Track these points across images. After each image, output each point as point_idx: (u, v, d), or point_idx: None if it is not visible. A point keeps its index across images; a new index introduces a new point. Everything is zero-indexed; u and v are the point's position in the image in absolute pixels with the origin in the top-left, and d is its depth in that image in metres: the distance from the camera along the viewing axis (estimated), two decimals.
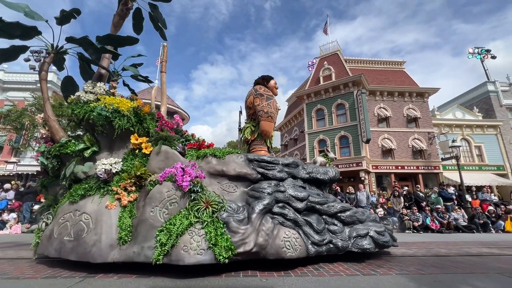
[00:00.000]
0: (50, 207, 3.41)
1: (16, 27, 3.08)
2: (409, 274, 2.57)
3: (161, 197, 2.74)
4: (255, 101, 4.19)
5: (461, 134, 19.60)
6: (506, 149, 19.43)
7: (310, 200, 3.21)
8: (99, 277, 2.46)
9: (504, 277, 2.52)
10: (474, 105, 22.00)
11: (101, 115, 3.26)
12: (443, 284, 2.27)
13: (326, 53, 21.69)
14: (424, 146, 18.05)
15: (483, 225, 9.34)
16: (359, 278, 2.43)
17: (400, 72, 21.50)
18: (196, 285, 2.24)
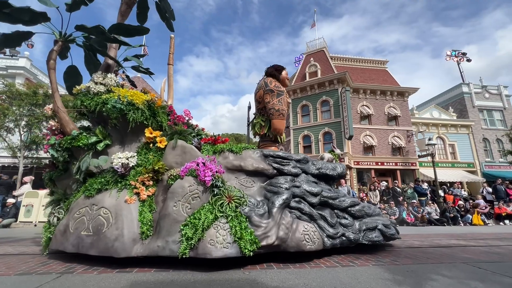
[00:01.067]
0: (60, 201, 3.33)
1: (25, 12, 2.93)
2: (384, 265, 2.71)
3: (183, 192, 2.75)
4: (265, 97, 4.16)
5: (437, 132, 20.63)
6: (477, 147, 20.69)
7: (323, 195, 3.34)
8: (79, 272, 2.40)
9: (469, 266, 2.73)
10: (449, 105, 23.16)
11: (116, 108, 3.20)
12: (415, 273, 2.42)
13: (312, 49, 21.89)
14: (403, 143, 18.83)
15: (453, 218, 9.97)
16: (338, 269, 2.53)
17: (382, 71, 22.15)
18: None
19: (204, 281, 2.19)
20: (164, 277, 2.29)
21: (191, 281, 2.18)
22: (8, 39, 3.19)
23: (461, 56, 24.84)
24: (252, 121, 4.56)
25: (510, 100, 22.76)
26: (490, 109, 22.19)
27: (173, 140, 3.27)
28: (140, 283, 2.12)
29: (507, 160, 18.39)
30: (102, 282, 2.13)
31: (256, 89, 4.39)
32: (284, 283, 2.13)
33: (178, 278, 2.26)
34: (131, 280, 2.18)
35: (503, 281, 2.23)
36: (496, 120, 22.05)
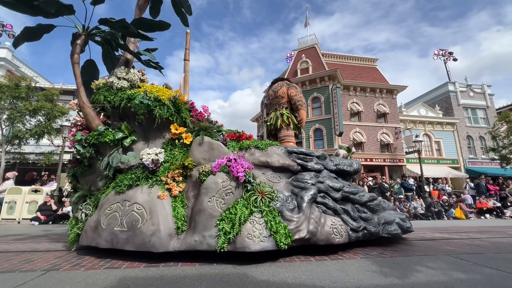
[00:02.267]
0: (85, 197, 3.33)
1: (52, 4, 2.89)
2: (372, 258, 2.79)
3: (217, 187, 2.80)
4: (290, 91, 4.70)
5: (423, 130, 21.21)
6: (461, 144, 21.41)
7: (344, 190, 3.47)
8: (65, 269, 2.35)
9: (452, 258, 2.84)
10: (436, 103, 23.82)
11: (143, 104, 3.20)
12: (401, 265, 2.50)
13: (304, 46, 21.95)
14: (391, 140, 19.26)
15: (437, 213, 10.33)
16: (327, 263, 2.57)
17: (372, 69, 22.47)
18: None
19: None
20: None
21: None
22: (29, 33, 3.14)
23: (447, 56, 25.48)
24: (270, 116, 4.85)
25: (493, 99, 23.59)
26: (474, 108, 22.98)
27: (199, 136, 3.31)
28: (129, 279, 2.09)
29: (489, 157, 19.11)
30: (89, 278, 2.09)
31: (276, 87, 4.83)
32: (274, 277, 2.15)
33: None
34: (119, 276, 2.15)
35: (484, 271, 2.33)
36: (479, 118, 22.87)
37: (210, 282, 2.02)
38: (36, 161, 14.36)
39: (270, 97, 4.97)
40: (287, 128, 4.69)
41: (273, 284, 1.97)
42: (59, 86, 16.50)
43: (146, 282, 2.02)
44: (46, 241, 4.04)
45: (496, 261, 2.68)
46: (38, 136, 12.99)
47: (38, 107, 12.66)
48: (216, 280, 2.06)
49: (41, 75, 21.13)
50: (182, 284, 1.98)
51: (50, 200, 8.59)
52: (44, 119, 13.35)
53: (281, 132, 4.64)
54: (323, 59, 20.69)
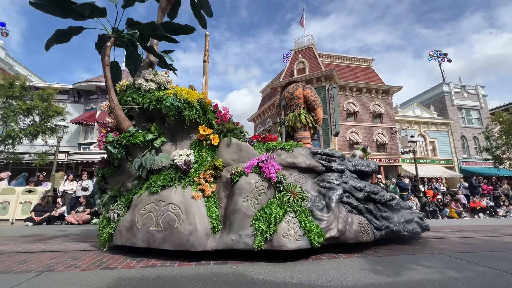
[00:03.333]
0: (115, 197, 3.38)
1: (87, 7, 2.96)
2: (368, 257, 2.82)
3: (250, 188, 2.88)
4: (305, 92, 4.84)
5: (418, 130, 21.46)
6: (455, 145, 21.68)
7: (366, 190, 3.58)
8: (60, 270, 2.33)
9: (446, 256, 2.89)
10: (431, 104, 24.12)
11: (174, 105, 3.28)
12: (396, 264, 2.54)
13: (300, 46, 22.05)
14: (386, 140, 19.44)
15: (432, 212, 10.45)
16: (324, 262, 2.59)
17: (368, 70, 22.65)
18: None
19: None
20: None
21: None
22: (60, 35, 3.19)
23: (442, 57, 25.76)
24: (287, 118, 5.04)
25: (486, 100, 23.90)
26: (468, 108, 23.33)
27: (227, 137, 3.39)
28: (125, 279, 2.08)
29: (483, 157, 19.37)
30: (85, 279, 2.07)
31: (292, 89, 5.04)
32: (271, 276, 2.16)
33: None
34: (115, 277, 2.14)
35: (477, 269, 2.37)
36: (473, 119, 23.23)
37: (206, 282, 2.03)
38: (30, 161, 14.16)
39: (287, 99, 5.11)
40: (304, 129, 4.81)
41: (270, 284, 1.98)
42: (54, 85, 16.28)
43: (142, 282, 2.02)
44: (40, 242, 3.99)
45: (489, 259, 2.74)
46: (33, 136, 12.82)
47: (32, 106, 12.50)
48: (212, 280, 2.06)
49: (35, 74, 20.89)
50: (179, 284, 1.98)
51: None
52: (38, 119, 13.18)
53: (298, 133, 4.78)
54: (320, 59, 20.81)
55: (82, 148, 16.11)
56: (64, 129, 11.56)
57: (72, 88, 16.92)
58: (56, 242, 4.02)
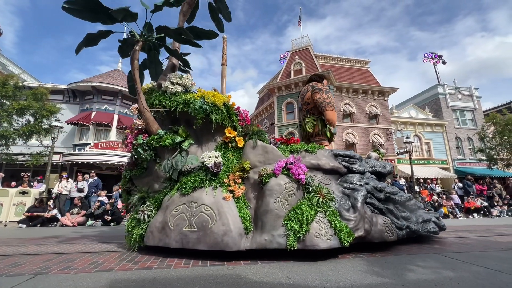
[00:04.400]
0: (144, 199, 3.43)
1: (121, 12, 3.05)
2: (364, 257, 2.83)
3: (280, 189, 2.96)
4: (314, 95, 4.50)
5: (414, 131, 21.70)
6: (450, 145, 21.94)
7: (386, 191, 3.69)
8: (54, 272, 2.30)
9: (441, 256, 2.93)
10: (426, 105, 24.42)
11: (202, 109, 3.35)
12: (392, 264, 2.57)
13: (297, 47, 22.15)
14: (382, 141, 19.60)
15: None
16: (320, 263, 2.60)
17: (364, 71, 22.84)
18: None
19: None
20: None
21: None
22: (89, 39, 3.26)
23: (437, 59, 26.05)
24: (300, 123, 4.91)
25: (480, 101, 24.23)
26: (462, 109, 23.68)
27: (252, 140, 3.48)
28: (120, 281, 2.06)
29: (477, 158, 19.61)
30: (80, 282, 2.05)
31: (302, 93, 4.79)
32: (268, 277, 2.16)
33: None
34: (110, 279, 2.12)
35: (472, 269, 2.40)
36: (467, 120, 23.57)
37: (203, 283, 2.02)
38: (24, 162, 13.96)
39: (301, 103, 4.97)
40: (317, 135, 4.73)
41: (267, 285, 1.98)
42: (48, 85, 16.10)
43: (138, 284, 2.00)
44: (34, 244, 3.94)
45: (483, 259, 2.78)
46: (26, 136, 12.65)
47: (26, 106, 12.33)
48: (209, 282, 2.05)
49: (29, 73, 20.63)
50: (175, 286, 1.96)
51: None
52: (32, 119, 13.02)
53: (315, 137, 4.71)
54: (316, 60, 20.91)
55: (77, 149, 15.92)
56: (59, 129, 11.43)
57: (67, 89, 16.75)
58: (50, 244, 3.98)
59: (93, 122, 15.92)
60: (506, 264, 2.59)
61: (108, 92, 16.76)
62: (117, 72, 18.46)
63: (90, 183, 10.01)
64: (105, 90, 16.61)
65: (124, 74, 18.80)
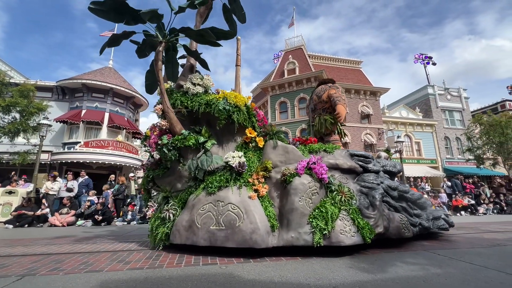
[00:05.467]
0: (167, 198, 3.48)
1: (148, 14, 3.12)
2: (355, 255, 2.88)
3: (304, 188, 3.07)
4: (330, 91, 4.67)
5: (404, 131, 22.12)
6: (439, 145, 22.45)
7: (399, 189, 3.84)
8: (43, 274, 2.25)
9: (430, 253, 3.03)
10: (416, 105, 24.93)
11: (225, 109, 3.44)
12: (382, 261, 2.65)
13: (291, 47, 22.26)
14: (374, 140, 19.91)
15: None
16: (312, 261, 2.62)
17: (357, 71, 23.12)
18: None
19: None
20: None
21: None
22: (113, 39, 3.32)
23: (427, 60, 26.56)
24: (313, 123, 5.06)
25: (468, 102, 24.85)
26: (451, 110, 24.29)
27: (272, 140, 3.59)
28: (111, 282, 2.03)
29: (465, 157, 20.12)
30: (69, 283, 2.02)
31: (319, 93, 4.93)
32: (261, 276, 2.17)
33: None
34: (100, 280, 2.09)
35: (458, 265, 2.48)
36: (456, 120, 24.18)
37: (196, 283, 2.01)
38: (11, 160, 13.58)
39: (314, 102, 5.06)
40: (331, 134, 4.84)
41: (260, 283, 1.99)
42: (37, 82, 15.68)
43: (129, 284, 1.98)
44: (22, 245, 3.85)
45: (469, 256, 2.87)
46: (13, 134, 12.30)
47: (12, 103, 11.99)
48: (202, 281, 2.05)
49: (17, 70, 20.04)
50: (168, 286, 1.95)
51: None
52: (19, 116, 12.66)
53: (329, 136, 4.82)
54: (310, 60, 21.02)
55: (67, 147, 15.58)
56: (47, 127, 11.16)
57: (56, 86, 16.34)
58: (38, 244, 3.90)
59: (83, 120, 15.60)
60: (491, 260, 2.68)
61: (98, 90, 16.45)
62: (108, 70, 18.13)
63: (81, 182, 9.83)
64: (96, 88, 16.30)
65: (115, 71, 18.49)
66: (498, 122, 16.66)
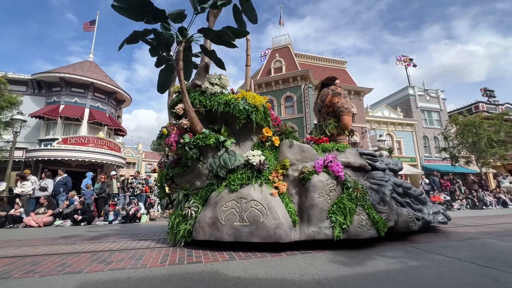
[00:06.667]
0: (188, 196, 3.54)
1: (175, 13, 3.18)
2: (338, 250, 2.97)
3: (322, 185, 3.25)
4: (333, 99, 4.86)
5: (386, 130, 22.93)
6: (418, 144, 23.39)
7: (403, 186, 4.09)
8: (16, 277, 2.15)
9: (408, 247, 3.20)
10: (398, 105, 25.83)
11: (245, 109, 3.54)
12: (364, 256, 2.77)
13: (278, 45, 22.37)
14: (358, 139, 20.44)
15: None
16: (297, 257, 2.66)
17: (342, 71, 23.62)
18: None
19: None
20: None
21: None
22: (133, 37, 3.34)
23: (409, 62, 27.53)
24: (319, 124, 5.21)
25: (446, 103, 26.04)
26: (430, 110, 25.38)
27: (288, 139, 3.75)
28: (91, 283, 1.97)
29: (441, 156, 21.11)
30: (45, 285, 1.93)
31: (322, 96, 5.12)
32: (246, 273, 2.18)
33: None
34: (80, 281, 2.02)
35: (434, 258, 2.63)
36: (434, 120, 25.31)
37: (180, 281, 2.00)
38: None
39: (320, 105, 5.24)
40: (336, 136, 5.02)
41: (244, 280, 2.00)
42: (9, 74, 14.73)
43: (111, 285, 1.93)
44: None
45: (444, 249, 3.05)
46: None
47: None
48: (186, 280, 2.04)
49: None
50: (150, 286, 1.91)
51: None
52: None
53: (336, 137, 4.99)
54: (296, 59, 21.19)
55: (43, 144, 14.83)
56: (21, 123, 10.56)
57: (31, 79, 15.48)
58: (11, 246, 3.72)
59: (61, 115, 14.88)
60: (463, 252, 2.87)
61: (78, 84, 15.76)
62: (88, 64, 17.40)
63: (59, 181, 9.39)
64: (75, 82, 15.60)
65: (96, 65, 17.76)
66: (472, 123, 17.60)
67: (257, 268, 2.33)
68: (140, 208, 8.35)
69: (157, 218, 8.63)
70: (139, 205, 8.52)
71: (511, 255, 2.75)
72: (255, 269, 2.31)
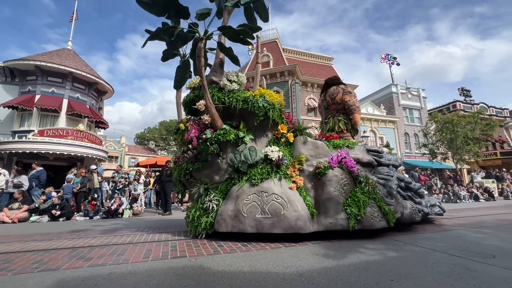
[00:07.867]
0: (207, 190, 3.63)
1: (202, 12, 3.26)
2: (321, 243, 3.06)
3: (337, 180, 3.47)
4: (344, 97, 5.12)
5: (370, 126, 23.49)
6: (399, 140, 24.23)
7: (405, 181, 4.40)
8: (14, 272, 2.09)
9: (388, 239, 3.35)
10: (381, 103, 26.53)
11: (264, 107, 3.65)
12: (346, 248, 2.88)
13: (265, 39, 22.15)
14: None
15: None
16: (282, 250, 2.70)
17: (328, 67, 23.93)
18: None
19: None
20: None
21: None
22: (157, 33, 3.37)
23: (393, 60, 28.23)
24: (326, 121, 5.45)
25: (426, 101, 27.07)
26: (411, 108, 26.33)
27: (302, 136, 3.94)
28: (69, 281, 1.90)
29: (421, 152, 22.03)
30: (18, 283, 1.84)
31: (332, 94, 5.34)
32: (231, 266, 2.18)
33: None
34: (57, 279, 1.95)
35: (412, 249, 2.77)
36: (415, 118, 26.31)
37: (163, 276, 1.98)
38: None
39: (328, 102, 5.43)
40: (343, 131, 5.24)
41: (229, 274, 2.02)
42: None
43: (91, 282, 1.89)
44: None
45: (421, 240, 3.22)
46: None
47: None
48: (169, 275, 2.02)
49: None
50: (133, 282, 1.87)
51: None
52: None
53: (340, 133, 5.17)
54: (284, 54, 21.19)
55: (17, 136, 14.04)
56: None
57: (3, 67, 14.53)
58: None
59: (37, 106, 14.12)
60: (439, 243, 3.04)
61: (55, 74, 14.98)
62: (67, 52, 16.58)
63: (31, 175, 8.91)
64: (52, 71, 14.82)
65: (75, 54, 16.93)
66: (450, 121, 18.45)
67: (241, 262, 2.39)
68: (122, 203, 8.14)
69: (141, 213, 8.46)
70: (122, 200, 8.30)
71: (481, 245, 2.95)
72: (240, 262, 2.37)
